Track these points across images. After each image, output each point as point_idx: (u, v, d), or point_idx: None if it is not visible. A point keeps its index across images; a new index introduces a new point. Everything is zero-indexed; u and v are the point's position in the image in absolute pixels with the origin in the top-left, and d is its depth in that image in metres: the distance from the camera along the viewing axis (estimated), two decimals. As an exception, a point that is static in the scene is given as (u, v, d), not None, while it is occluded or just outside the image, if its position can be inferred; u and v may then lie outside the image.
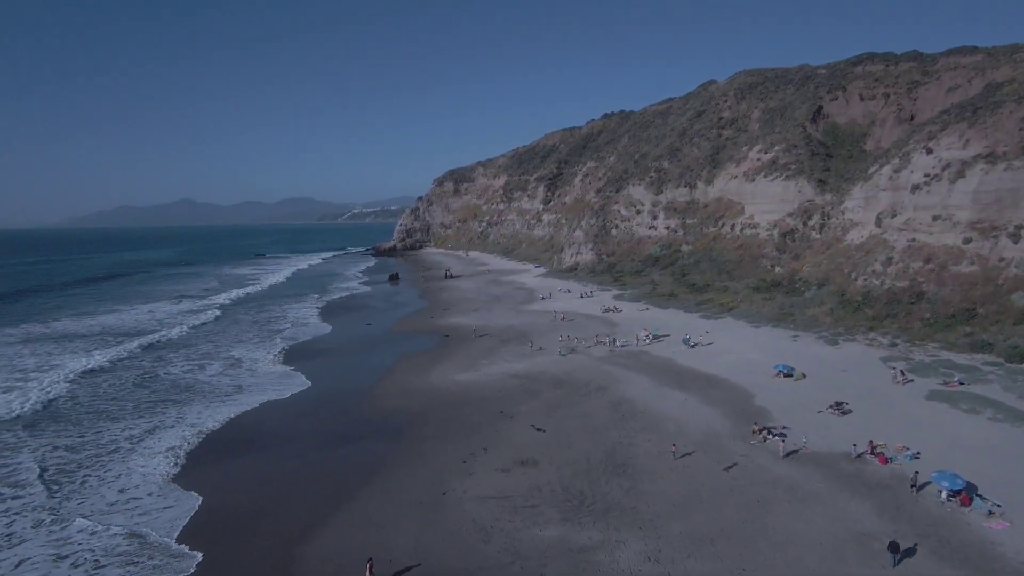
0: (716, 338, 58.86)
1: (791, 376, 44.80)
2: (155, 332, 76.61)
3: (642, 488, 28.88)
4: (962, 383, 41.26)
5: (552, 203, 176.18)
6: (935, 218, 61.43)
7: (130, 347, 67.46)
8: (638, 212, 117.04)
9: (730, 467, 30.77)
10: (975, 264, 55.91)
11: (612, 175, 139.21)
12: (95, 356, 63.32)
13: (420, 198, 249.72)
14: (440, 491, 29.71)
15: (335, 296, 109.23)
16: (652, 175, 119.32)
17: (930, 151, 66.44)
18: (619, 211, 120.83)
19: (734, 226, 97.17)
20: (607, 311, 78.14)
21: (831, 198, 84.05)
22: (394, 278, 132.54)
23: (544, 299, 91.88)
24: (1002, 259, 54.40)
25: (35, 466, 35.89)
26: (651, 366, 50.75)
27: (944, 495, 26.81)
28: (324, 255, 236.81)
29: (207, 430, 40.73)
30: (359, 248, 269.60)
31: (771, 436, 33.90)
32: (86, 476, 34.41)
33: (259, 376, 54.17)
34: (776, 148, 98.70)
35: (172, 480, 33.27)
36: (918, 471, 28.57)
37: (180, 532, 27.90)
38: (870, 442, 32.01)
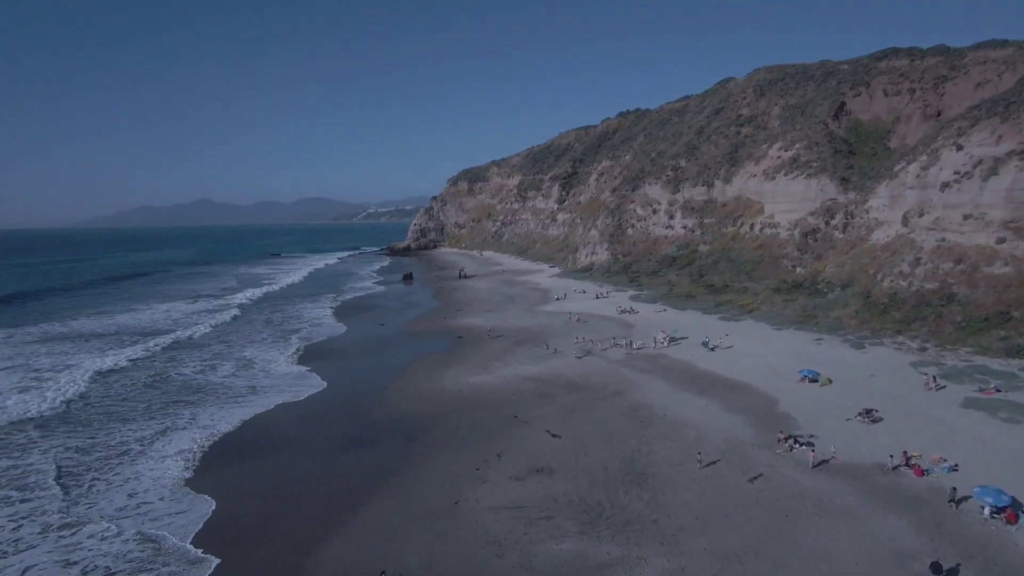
0: (736, 341, 57.22)
1: (816, 381, 43.14)
2: (170, 332, 76.68)
3: (663, 500, 27.61)
4: (999, 390, 39.35)
5: (567, 202, 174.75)
6: (966, 217, 59.16)
7: (145, 347, 67.45)
8: (654, 211, 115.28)
9: (755, 478, 29.37)
10: (1009, 265, 53.65)
11: (628, 174, 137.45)
12: (110, 356, 63.32)
13: (434, 198, 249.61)
14: (453, 500, 28.71)
15: (349, 296, 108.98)
16: (669, 174, 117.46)
17: (960, 148, 64.09)
18: (635, 210, 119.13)
19: (753, 225, 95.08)
20: (623, 312, 76.71)
21: (855, 197, 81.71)
22: (408, 278, 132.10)
23: (559, 300, 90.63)
24: (1038, 260, 52.15)
25: (44, 468, 35.46)
26: (669, 370, 49.34)
27: (987, 512, 25.21)
28: (339, 255, 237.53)
29: (221, 432, 40.18)
30: (373, 248, 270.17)
31: (798, 445, 32.40)
32: (97, 479, 33.90)
33: (273, 377, 53.66)
34: (797, 146, 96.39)
35: (185, 484, 32.65)
36: (956, 486, 26.93)
37: (194, 537, 27.27)
38: (904, 453, 30.42)
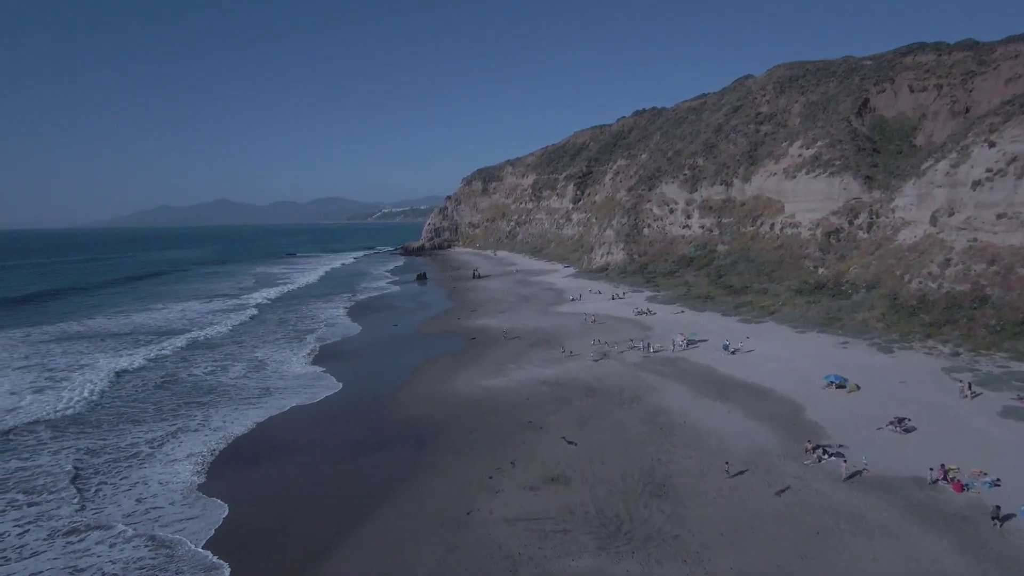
0: (757, 344, 55.52)
1: (844, 387, 41.41)
2: (186, 332, 76.58)
3: (685, 513, 26.28)
4: (1039, 398, 37.38)
5: (581, 202, 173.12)
6: (1000, 216, 56.84)
7: (161, 347, 67.14)
8: (671, 211, 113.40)
9: (782, 491, 27.90)
10: (1046, 266, 51.37)
11: (644, 173, 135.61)
12: (124, 356, 63.08)
13: (448, 197, 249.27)
14: (465, 510, 27.65)
15: (364, 296, 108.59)
16: (686, 172, 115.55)
17: (993, 144, 61.68)
18: (651, 210, 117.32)
19: (773, 225, 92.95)
20: (640, 314, 75.19)
21: (879, 195, 79.34)
22: (421, 278, 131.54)
23: (574, 300, 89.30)
24: (1078, 261, 49.82)
25: (53, 470, 34.91)
26: (689, 374, 47.85)
27: (1035, 531, 23.58)
28: (354, 255, 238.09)
29: (233, 435, 39.48)
30: (388, 247, 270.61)
31: (826, 455, 30.84)
32: (106, 482, 33.24)
33: (288, 379, 53.01)
34: (819, 143, 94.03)
35: (198, 488, 31.93)
36: (999, 503, 25.24)
37: (207, 543, 26.59)
38: (941, 466, 28.74)
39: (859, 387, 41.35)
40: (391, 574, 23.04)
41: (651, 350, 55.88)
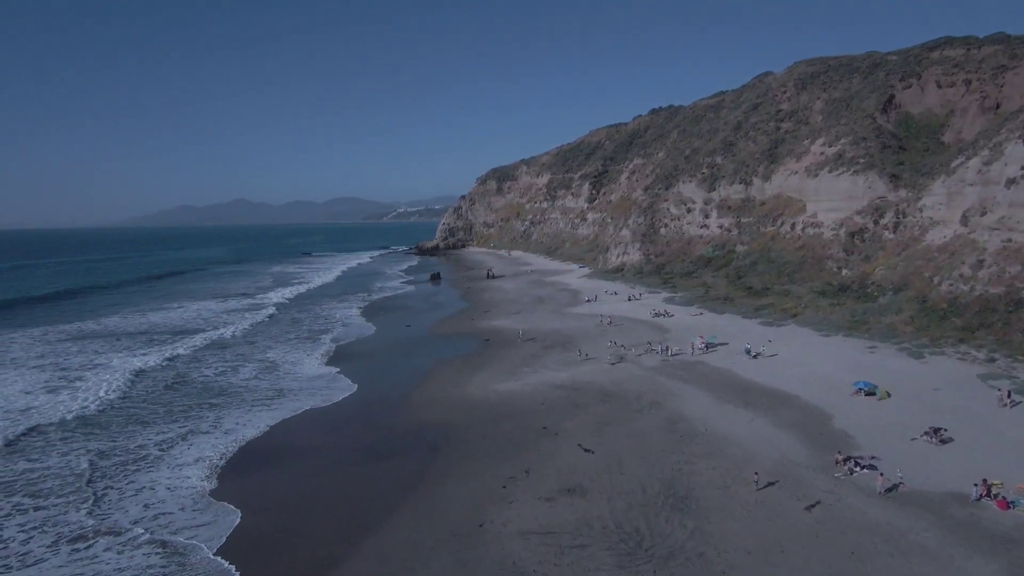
0: (780, 348, 53.72)
1: (874, 395, 39.59)
2: (202, 332, 76.49)
3: (709, 529, 24.90)
4: (1083, 408, 35.38)
5: (597, 201, 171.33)
6: (1036, 216, 54.47)
7: (176, 347, 66.78)
8: (689, 210, 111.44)
9: (812, 506, 26.38)
10: (1087, 268, 48.98)
11: (661, 172, 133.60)
12: (139, 356, 62.84)
13: (463, 197, 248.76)
14: (477, 522, 26.54)
15: (378, 296, 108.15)
16: (704, 171, 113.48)
17: (1028, 141, 59.17)
18: (668, 209, 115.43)
19: (794, 225, 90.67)
20: (657, 315, 73.58)
21: (906, 194, 76.80)
22: (435, 278, 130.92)
23: (589, 301, 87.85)
24: (1122, 263, 47.38)
25: (61, 473, 34.39)
26: (709, 379, 46.29)
27: (1091, 555, 21.89)
28: (368, 254, 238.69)
29: (246, 438, 38.75)
30: (402, 247, 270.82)
31: (858, 468, 29.22)
32: (116, 486, 32.57)
33: (302, 380, 52.30)
34: (842, 141, 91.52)
35: (209, 493, 31.16)
36: (1050, 521, 23.62)
37: (219, 549, 25.89)
38: (984, 481, 27.02)
39: (889, 394, 39.54)
40: (400, 590, 22.07)
41: (669, 353, 54.37)
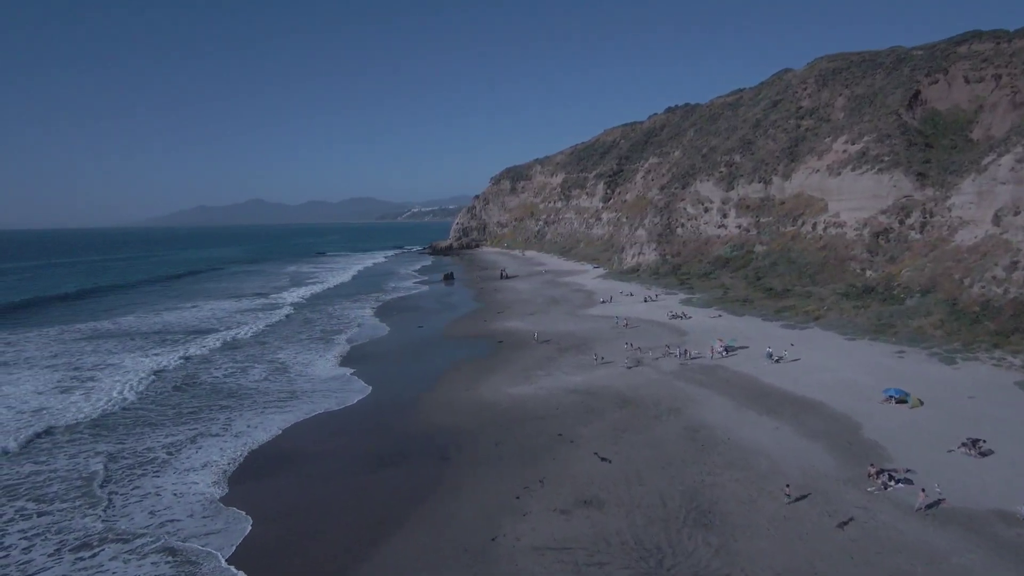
0: (803, 352, 51.92)
1: (905, 402, 37.79)
2: (216, 332, 76.21)
3: (735, 547, 23.50)
4: None
5: (612, 201, 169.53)
6: (1075, 215, 52.09)
7: (190, 348, 66.26)
8: (706, 210, 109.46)
9: (845, 523, 24.85)
10: None
11: (677, 171, 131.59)
12: (152, 356, 62.48)
13: (477, 196, 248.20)
14: (489, 535, 25.40)
15: (391, 296, 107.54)
16: (722, 170, 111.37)
17: (1065, 137, 56.70)
18: (685, 209, 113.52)
19: (815, 225, 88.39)
20: (674, 317, 71.91)
21: (933, 193, 74.31)
22: (448, 278, 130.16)
23: (604, 303, 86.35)
24: None
25: (68, 476, 33.75)
26: (730, 384, 44.71)
27: None
28: (382, 254, 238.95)
29: (258, 442, 37.91)
30: (416, 247, 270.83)
31: (893, 482, 27.60)
32: (123, 491, 31.81)
33: (315, 382, 51.51)
34: (865, 138, 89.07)
35: (220, 499, 30.29)
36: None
37: (230, 558, 25.10)
38: (1030, 498, 25.33)
39: (922, 403, 37.73)
40: (408, 607, 21.01)
41: (688, 357, 52.81)
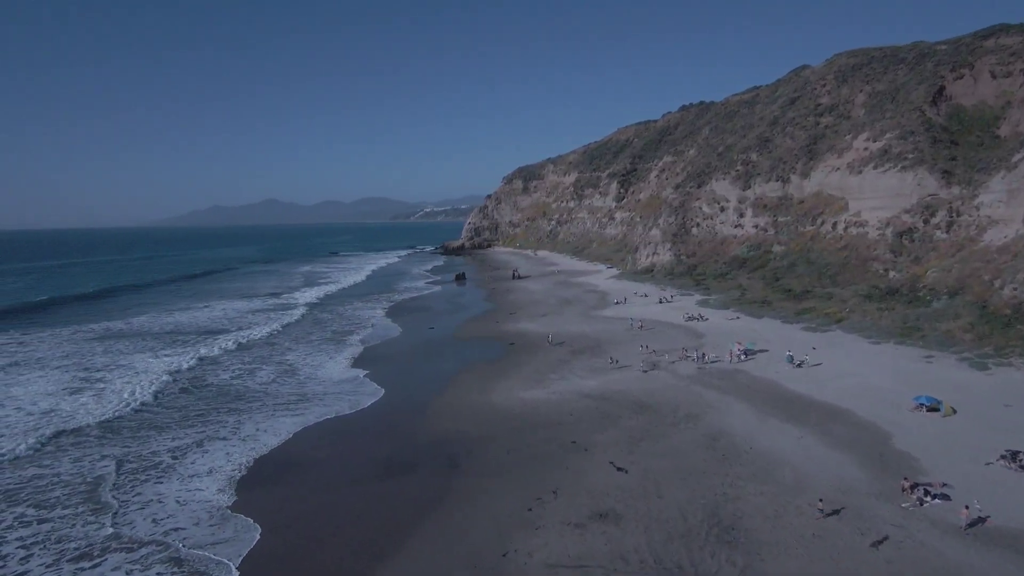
0: (825, 356, 50.13)
1: (937, 411, 36.00)
2: (230, 332, 75.76)
3: (762, 568, 22.07)
4: None
5: (625, 200, 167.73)
6: (1114, 214, 49.77)
7: (202, 349, 65.47)
8: (722, 209, 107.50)
9: (880, 542, 23.32)
10: None
11: (692, 169, 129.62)
12: (164, 358, 61.87)
13: (489, 196, 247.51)
14: (500, 550, 24.21)
15: (403, 297, 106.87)
16: (738, 168, 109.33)
17: (1103, 132, 54.26)
18: (700, 208, 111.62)
19: (836, 224, 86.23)
20: (690, 319, 70.26)
21: (960, 191, 71.95)
22: (460, 278, 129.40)
23: (618, 304, 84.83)
24: None
25: (72, 480, 32.97)
26: (751, 389, 43.13)
27: None
28: (394, 253, 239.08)
29: (269, 446, 37.05)
30: (429, 247, 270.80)
31: (929, 497, 25.99)
32: (128, 497, 30.96)
33: (327, 384, 50.59)
34: (888, 135, 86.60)
35: (228, 507, 29.35)
36: None
37: (239, 567, 24.31)
38: (1080, 517, 23.63)
39: (955, 411, 35.92)
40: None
41: (706, 360, 51.26)
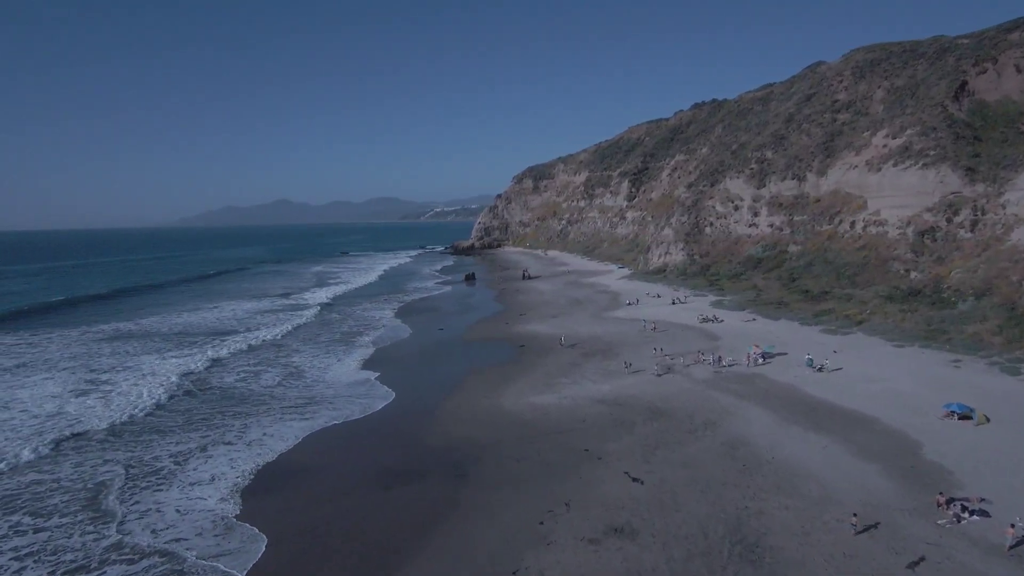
0: (847, 359, 48.40)
1: (970, 419, 34.31)
2: (237, 333, 75.21)
3: (789, 590, 20.78)
4: None
5: (637, 199, 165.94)
6: None
7: (210, 351, 64.59)
8: (736, 208, 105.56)
9: (916, 563, 21.86)
10: None
11: (705, 168, 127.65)
12: (171, 360, 61.18)
13: (499, 196, 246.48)
14: (510, 567, 22.99)
15: (413, 297, 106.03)
16: (752, 167, 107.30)
17: None
18: (714, 207, 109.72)
19: (854, 223, 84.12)
20: (705, 321, 68.62)
21: (985, 189, 69.74)
22: (470, 278, 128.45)
23: (630, 305, 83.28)
24: None
25: (72, 487, 32.15)
26: (770, 395, 41.57)
27: None
28: (404, 253, 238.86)
29: (276, 452, 36.09)
30: (439, 247, 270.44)
31: (967, 514, 24.45)
32: (129, 505, 30.12)
33: (337, 387, 49.63)
34: (908, 132, 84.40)
35: (235, 516, 28.40)
36: None
37: None
38: None
39: (988, 419, 34.23)
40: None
41: (722, 364, 49.71)
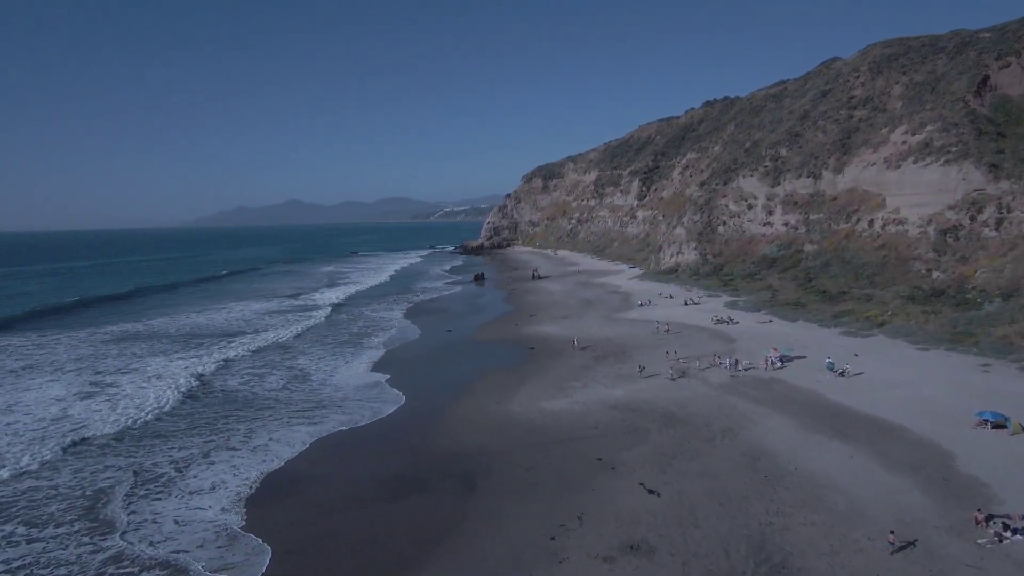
0: (869, 363, 46.68)
1: (1005, 427, 32.57)
2: (246, 334, 74.53)
3: (820, 616, 19.36)
4: None
5: (647, 198, 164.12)
6: None
7: (219, 353, 63.82)
8: (750, 207, 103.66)
9: (956, 587, 20.43)
10: None
11: (718, 166, 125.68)
12: (178, 361, 60.55)
13: (508, 195, 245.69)
14: (520, 587, 21.86)
15: (423, 297, 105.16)
16: (767, 164, 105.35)
17: None
18: (727, 206, 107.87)
19: (872, 222, 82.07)
20: (720, 322, 66.97)
21: (1010, 186, 67.57)
22: (479, 278, 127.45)
23: (642, 305, 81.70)
24: None
25: (71, 495, 31.24)
26: (790, 400, 39.99)
27: None
28: (415, 253, 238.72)
29: (283, 458, 35.10)
30: (448, 246, 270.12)
31: (1009, 532, 22.87)
32: (129, 513, 29.19)
33: (345, 390, 48.61)
34: (928, 128, 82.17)
35: (240, 527, 27.37)
36: None
37: None
38: None
39: (1024, 428, 32.53)
40: None
41: (739, 368, 48.13)
